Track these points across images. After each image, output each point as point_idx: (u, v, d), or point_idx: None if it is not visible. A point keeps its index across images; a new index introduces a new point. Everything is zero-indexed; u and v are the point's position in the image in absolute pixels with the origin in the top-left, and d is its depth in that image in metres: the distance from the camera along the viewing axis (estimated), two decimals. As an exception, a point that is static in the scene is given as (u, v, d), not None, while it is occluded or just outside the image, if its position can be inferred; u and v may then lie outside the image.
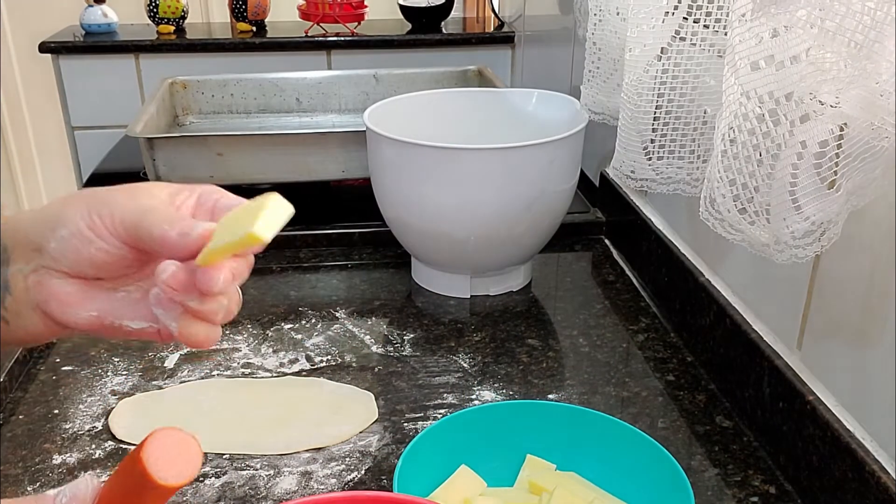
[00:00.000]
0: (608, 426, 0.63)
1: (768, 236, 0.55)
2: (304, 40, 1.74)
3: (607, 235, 1.10)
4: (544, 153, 0.86)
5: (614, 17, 0.83)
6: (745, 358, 0.72)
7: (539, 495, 0.61)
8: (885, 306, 0.56)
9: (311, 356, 0.83)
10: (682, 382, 0.79)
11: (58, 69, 1.70)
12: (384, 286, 0.98)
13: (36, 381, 0.79)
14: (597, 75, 0.88)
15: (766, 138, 0.53)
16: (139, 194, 0.47)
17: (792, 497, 0.64)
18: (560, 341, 0.87)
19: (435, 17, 1.84)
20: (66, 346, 0.85)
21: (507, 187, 0.85)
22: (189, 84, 1.38)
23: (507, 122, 1.02)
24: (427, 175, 0.86)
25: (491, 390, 0.78)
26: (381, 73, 1.43)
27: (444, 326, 0.89)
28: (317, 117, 1.42)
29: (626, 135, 0.75)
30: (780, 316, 0.70)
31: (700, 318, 0.81)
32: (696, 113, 0.71)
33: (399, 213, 0.92)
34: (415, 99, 1.02)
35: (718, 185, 0.56)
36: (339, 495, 0.48)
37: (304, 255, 1.06)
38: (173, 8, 1.76)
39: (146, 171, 1.09)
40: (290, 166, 1.10)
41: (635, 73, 0.72)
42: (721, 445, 0.70)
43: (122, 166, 1.41)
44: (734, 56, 0.53)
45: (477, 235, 0.88)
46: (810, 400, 0.63)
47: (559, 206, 0.92)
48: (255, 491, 0.65)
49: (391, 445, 0.70)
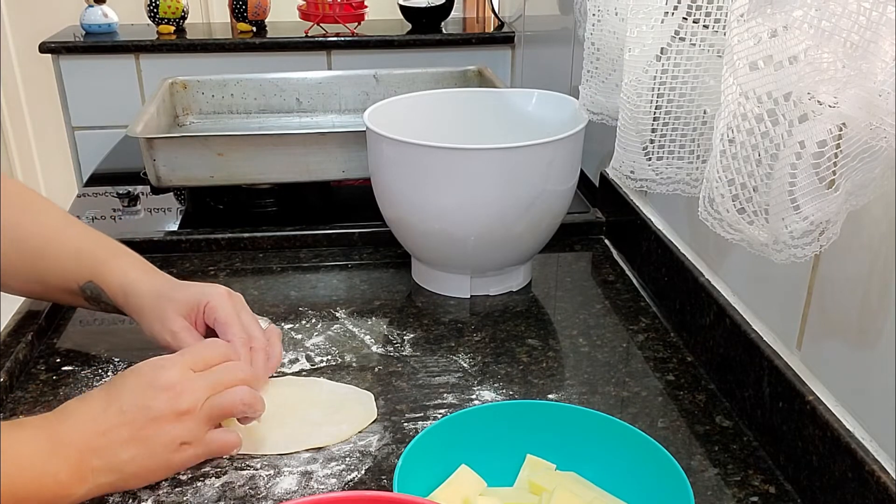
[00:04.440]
0: (608, 426, 0.63)
1: (767, 236, 0.55)
2: (304, 40, 1.74)
3: (607, 235, 1.10)
4: (544, 153, 0.86)
5: (613, 18, 0.83)
6: (745, 358, 0.72)
7: (539, 495, 0.61)
8: (885, 306, 0.56)
9: (311, 356, 0.83)
10: (681, 382, 0.79)
11: (58, 69, 1.70)
12: (384, 286, 0.98)
13: (36, 381, 0.79)
14: (595, 75, 0.88)
15: (764, 138, 0.53)
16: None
17: (792, 497, 0.65)
18: (560, 341, 0.87)
19: (435, 18, 1.84)
20: (66, 346, 0.85)
21: (507, 187, 0.85)
22: (189, 84, 1.39)
23: (507, 122, 1.02)
24: (427, 175, 0.86)
25: (491, 390, 0.78)
26: (381, 73, 1.43)
27: (444, 326, 0.89)
28: (317, 117, 1.42)
29: (625, 135, 0.75)
30: (780, 316, 0.70)
31: (700, 318, 0.81)
32: (695, 113, 0.71)
33: (399, 213, 0.92)
34: (415, 99, 1.02)
35: (717, 185, 0.56)
36: (339, 495, 0.48)
37: (304, 255, 1.06)
38: (173, 8, 1.76)
39: (146, 171, 1.09)
40: (290, 166, 1.10)
41: (634, 73, 0.72)
42: (721, 445, 0.70)
43: (122, 166, 1.41)
44: (733, 56, 0.53)
45: (477, 235, 0.88)
46: (810, 400, 0.63)
47: (559, 206, 0.92)
48: (255, 491, 0.65)
49: (391, 445, 0.70)
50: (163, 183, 1.09)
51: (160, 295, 0.75)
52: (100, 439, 0.59)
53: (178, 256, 1.05)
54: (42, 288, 0.80)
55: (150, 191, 1.22)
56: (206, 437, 0.64)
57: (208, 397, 0.64)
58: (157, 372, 0.63)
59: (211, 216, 1.16)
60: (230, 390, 0.65)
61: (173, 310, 0.74)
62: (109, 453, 0.59)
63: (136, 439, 0.60)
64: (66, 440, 0.58)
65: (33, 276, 0.79)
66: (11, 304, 0.86)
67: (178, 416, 0.62)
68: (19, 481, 0.55)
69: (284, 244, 1.07)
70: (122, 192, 1.24)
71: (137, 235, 1.05)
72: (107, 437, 0.59)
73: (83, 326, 0.88)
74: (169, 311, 0.74)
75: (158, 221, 1.16)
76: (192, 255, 1.05)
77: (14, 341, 0.81)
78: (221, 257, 1.05)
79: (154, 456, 0.61)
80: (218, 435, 0.65)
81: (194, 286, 0.76)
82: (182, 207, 1.19)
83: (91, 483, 0.58)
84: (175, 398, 0.62)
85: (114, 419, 0.60)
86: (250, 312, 0.77)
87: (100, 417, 0.60)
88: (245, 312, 0.76)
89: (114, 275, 0.77)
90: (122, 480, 0.60)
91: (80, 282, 0.77)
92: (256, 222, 1.11)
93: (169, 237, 1.06)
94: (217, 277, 1.00)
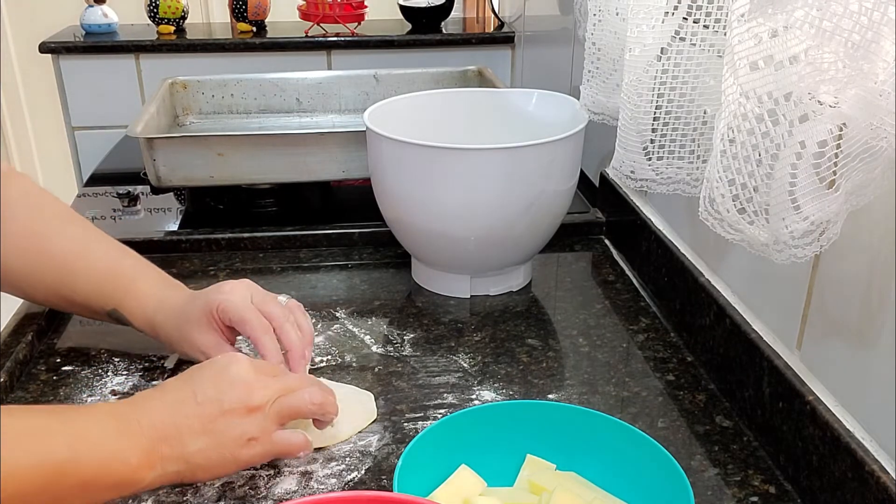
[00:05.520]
0: (608, 426, 0.63)
1: (767, 236, 0.55)
2: (304, 40, 1.74)
3: (607, 235, 1.10)
4: (544, 153, 0.86)
5: (614, 18, 0.83)
6: (745, 358, 0.72)
7: (539, 495, 0.61)
8: (885, 306, 0.56)
9: (312, 356, 0.83)
10: (682, 382, 0.79)
11: (58, 69, 1.70)
12: (384, 286, 0.98)
13: (36, 381, 0.79)
14: (596, 75, 0.88)
15: (765, 138, 0.53)
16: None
17: (792, 497, 0.65)
18: (560, 341, 0.87)
19: (435, 18, 1.84)
20: (67, 346, 0.85)
21: (507, 187, 0.85)
22: (189, 84, 1.39)
23: (507, 122, 1.02)
24: (427, 175, 0.86)
25: (491, 390, 0.78)
26: (381, 73, 1.43)
27: (444, 326, 0.89)
28: (317, 117, 1.42)
29: (625, 135, 0.75)
30: (780, 316, 0.70)
31: (700, 318, 0.81)
32: (695, 113, 0.71)
33: (399, 213, 0.92)
34: (415, 99, 1.02)
35: (718, 185, 0.56)
36: (339, 495, 0.48)
37: (304, 255, 1.06)
38: (173, 8, 1.76)
39: (146, 171, 1.09)
40: (291, 166, 1.10)
41: (635, 73, 0.72)
42: (721, 445, 0.70)
43: (122, 166, 1.41)
44: (733, 56, 0.53)
45: (477, 235, 0.88)
46: (810, 400, 0.63)
47: (559, 206, 0.92)
48: (255, 491, 0.65)
49: (391, 445, 0.70)
50: (163, 183, 1.09)
51: (180, 317, 0.75)
52: (170, 428, 0.60)
53: (178, 256, 1.05)
54: (67, 304, 0.81)
55: (150, 191, 1.22)
56: (273, 435, 0.64)
57: (278, 397, 0.64)
58: (233, 367, 0.64)
59: (211, 216, 1.16)
60: (300, 391, 0.65)
61: (196, 330, 0.74)
62: (179, 442, 0.60)
63: (206, 430, 0.61)
64: (137, 426, 0.59)
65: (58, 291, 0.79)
66: (11, 304, 0.86)
67: (249, 411, 0.62)
68: (86, 460, 0.56)
69: (284, 244, 1.07)
70: (122, 192, 1.24)
71: (137, 235, 1.05)
72: (177, 425, 0.60)
73: (83, 326, 0.88)
74: (193, 333, 0.74)
75: (158, 221, 1.16)
76: (192, 255, 1.05)
77: (14, 341, 0.81)
78: (221, 257, 1.05)
79: (221, 448, 0.61)
80: (285, 435, 0.65)
81: (202, 296, 0.75)
82: (182, 207, 1.19)
83: (159, 470, 0.59)
84: (247, 393, 0.63)
85: (186, 409, 0.61)
86: (262, 292, 0.76)
87: (173, 406, 0.61)
88: (257, 294, 0.75)
89: (135, 306, 0.77)
90: (189, 471, 0.61)
91: (106, 307, 0.78)
92: (256, 222, 1.11)
93: (169, 237, 1.06)
94: (217, 277, 1.00)
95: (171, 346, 0.77)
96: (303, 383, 0.67)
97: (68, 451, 0.55)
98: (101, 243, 0.80)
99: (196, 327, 0.74)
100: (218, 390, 0.62)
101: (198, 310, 0.74)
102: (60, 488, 0.55)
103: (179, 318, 0.75)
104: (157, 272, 0.80)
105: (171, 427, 0.60)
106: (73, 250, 0.78)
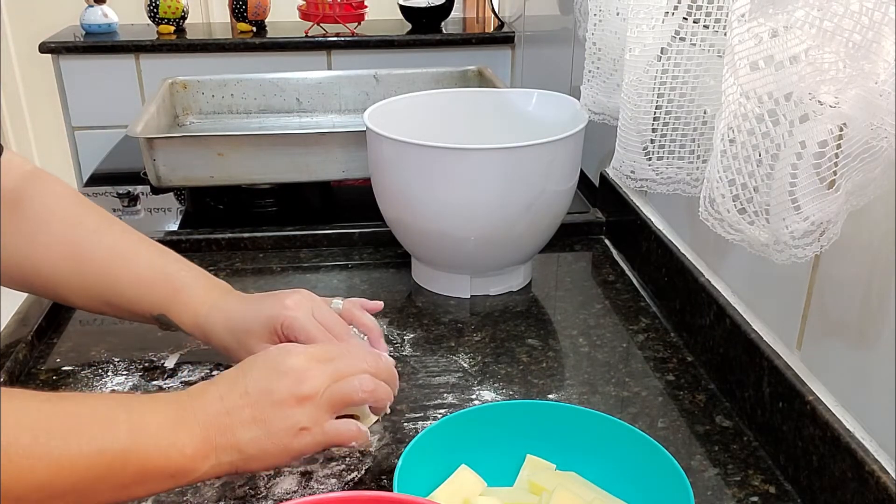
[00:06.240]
0: (608, 426, 0.63)
1: (768, 236, 0.55)
2: (304, 40, 1.74)
3: (607, 235, 1.10)
4: (544, 153, 0.86)
5: (614, 18, 0.83)
6: (745, 358, 0.72)
7: (539, 495, 0.61)
8: (885, 306, 0.56)
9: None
10: (681, 382, 0.79)
11: (58, 69, 1.70)
12: (384, 286, 0.98)
13: (36, 381, 0.79)
14: (597, 75, 0.88)
15: (765, 138, 0.53)
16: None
17: (792, 497, 0.65)
18: (560, 341, 0.87)
19: (435, 18, 1.84)
20: (67, 345, 0.85)
21: (507, 187, 0.85)
22: (189, 84, 1.39)
23: (507, 122, 1.02)
24: (427, 175, 0.86)
25: (491, 390, 0.78)
26: (381, 73, 1.43)
27: (444, 326, 0.89)
28: (317, 117, 1.42)
29: (625, 135, 0.75)
30: (780, 316, 0.70)
31: (700, 318, 0.81)
32: (695, 113, 0.71)
33: (399, 213, 0.92)
34: (415, 99, 1.02)
35: (718, 185, 0.56)
36: (339, 495, 0.48)
37: (304, 255, 1.06)
38: (173, 8, 1.76)
39: (146, 171, 1.09)
40: (291, 166, 1.10)
41: (635, 73, 0.72)
42: (721, 445, 0.70)
43: (122, 166, 1.41)
44: (733, 56, 0.53)
45: (477, 235, 0.88)
46: (810, 400, 0.63)
47: (559, 206, 0.92)
48: (255, 491, 0.65)
49: (391, 445, 0.70)
50: (163, 183, 1.09)
51: (237, 326, 0.74)
52: (224, 418, 0.60)
53: (178, 256, 1.05)
54: (110, 309, 0.79)
55: (150, 191, 1.22)
56: (325, 425, 0.63)
57: (329, 385, 0.64)
58: (283, 357, 0.64)
59: (211, 216, 1.16)
60: (350, 378, 0.65)
61: (256, 341, 0.73)
62: (232, 432, 0.60)
63: (258, 420, 0.61)
64: (192, 416, 0.59)
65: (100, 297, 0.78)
66: (11, 304, 0.86)
67: (299, 400, 0.62)
68: (145, 449, 0.56)
69: (284, 244, 1.07)
70: (122, 192, 1.24)
71: (137, 235, 1.05)
72: (230, 416, 0.60)
73: (83, 326, 0.88)
74: (251, 342, 0.73)
75: (158, 221, 1.16)
76: (193, 256, 1.05)
77: (14, 341, 0.81)
78: (221, 257, 1.05)
79: (273, 438, 0.61)
80: (337, 424, 0.64)
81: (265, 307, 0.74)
82: (182, 207, 1.19)
83: (214, 460, 0.59)
84: (297, 383, 0.62)
85: (239, 399, 0.61)
86: (323, 305, 0.75)
87: (226, 397, 0.61)
88: (318, 309, 0.74)
89: (183, 312, 0.77)
90: (243, 461, 0.61)
91: (153, 312, 0.77)
92: (256, 222, 1.11)
93: (169, 237, 1.06)
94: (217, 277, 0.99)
95: (226, 353, 0.76)
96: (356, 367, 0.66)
97: (129, 440, 0.55)
98: (143, 247, 0.79)
99: (257, 339, 0.73)
100: (268, 381, 0.62)
101: (259, 324, 0.73)
102: (120, 477, 0.55)
103: (236, 326, 0.74)
104: (203, 275, 0.79)
105: (224, 417, 0.60)
106: (115, 256, 0.77)
